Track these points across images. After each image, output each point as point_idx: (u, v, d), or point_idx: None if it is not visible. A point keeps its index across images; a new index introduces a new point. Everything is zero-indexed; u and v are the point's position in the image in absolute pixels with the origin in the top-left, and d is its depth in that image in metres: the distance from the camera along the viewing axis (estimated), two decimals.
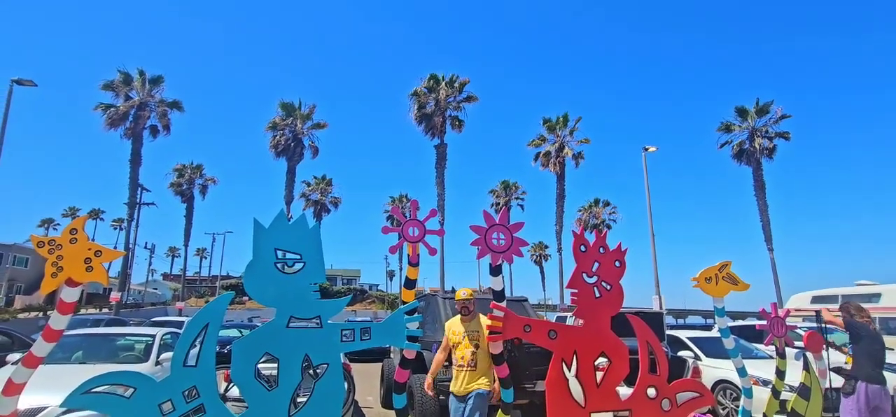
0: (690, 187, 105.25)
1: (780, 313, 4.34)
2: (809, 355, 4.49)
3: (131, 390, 2.59)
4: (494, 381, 3.77)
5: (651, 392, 3.55)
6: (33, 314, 25.72)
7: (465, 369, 3.74)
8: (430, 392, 4.15)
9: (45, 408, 4.49)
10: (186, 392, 2.64)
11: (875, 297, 12.02)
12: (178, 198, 38.53)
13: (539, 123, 33.08)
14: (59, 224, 60.00)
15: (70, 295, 2.66)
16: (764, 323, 4.31)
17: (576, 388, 3.41)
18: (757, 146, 27.91)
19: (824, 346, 4.53)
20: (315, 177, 39.62)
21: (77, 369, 5.52)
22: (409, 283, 3.48)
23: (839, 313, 4.63)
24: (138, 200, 30.76)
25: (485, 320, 3.70)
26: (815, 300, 13.63)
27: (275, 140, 32.31)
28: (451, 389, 3.84)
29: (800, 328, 9.52)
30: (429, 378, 4.14)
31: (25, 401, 3.66)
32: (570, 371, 3.42)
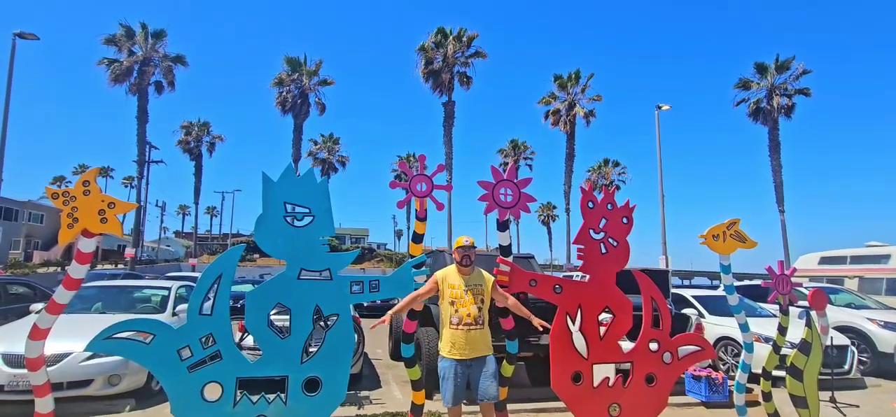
0: (703, 147, 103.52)
1: (786, 272, 4.35)
2: (812, 312, 4.52)
3: (151, 336, 2.70)
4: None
5: (653, 345, 3.63)
6: (52, 269, 26.52)
7: (473, 328, 3.30)
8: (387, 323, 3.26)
9: (71, 353, 4.71)
10: (203, 339, 2.75)
11: (884, 259, 11.96)
12: (186, 155, 38.75)
13: (549, 81, 32.37)
14: (70, 181, 60.81)
15: (87, 245, 2.73)
16: (769, 280, 4.33)
17: (579, 341, 3.49)
18: (774, 104, 27.09)
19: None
20: (322, 136, 39.52)
21: (98, 318, 5.75)
22: (417, 237, 3.52)
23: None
24: (147, 158, 30.97)
25: (487, 274, 3.51)
26: (824, 261, 13.60)
27: (281, 96, 31.99)
28: (449, 352, 3.32)
29: (805, 287, 9.54)
30: (390, 313, 3.27)
31: (51, 347, 3.83)
32: (573, 324, 3.50)
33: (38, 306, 5.98)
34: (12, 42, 16.36)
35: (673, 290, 8.94)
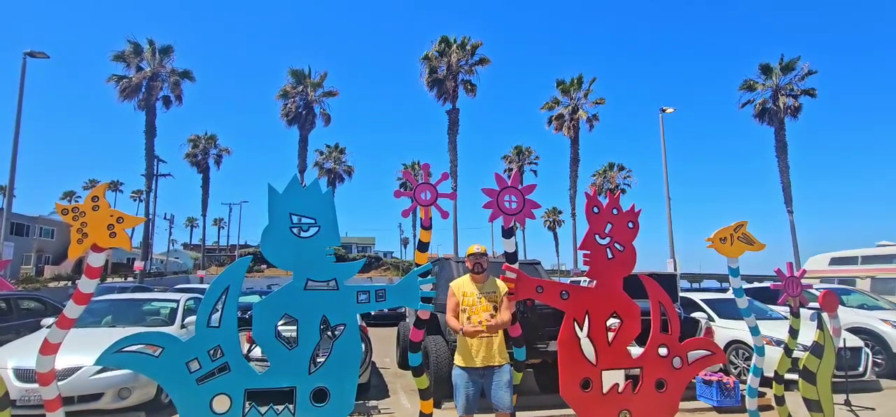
0: (708, 149, 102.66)
1: (796, 273, 4.30)
2: (824, 314, 4.46)
3: (160, 350, 2.72)
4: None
5: (662, 350, 3.59)
6: (63, 283, 26.78)
7: (485, 337, 3.32)
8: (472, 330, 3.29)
9: (81, 367, 4.75)
10: (211, 352, 2.76)
11: (895, 258, 11.79)
12: (193, 168, 39.15)
13: (553, 86, 32.43)
14: (80, 196, 61.50)
15: (96, 260, 2.76)
16: (779, 283, 4.28)
17: (587, 347, 3.47)
18: (780, 105, 26.96)
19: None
20: (328, 146, 39.77)
21: (107, 332, 5.79)
22: (422, 246, 3.52)
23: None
24: (155, 171, 31.31)
25: (502, 283, 3.49)
26: (834, 261, 13.43)
27: (286, 108, 32.29)
28: (463, 362, 3.34)
29: (816, 288, 9.41)
30: (467, 326, 3.31)
31: (62, 361, 3.87)
32: (581, 330, 3.47)
33: (49, 321, 6.04)
34: (22, 61, 16.68)
35: (682, 294, 8.86)
